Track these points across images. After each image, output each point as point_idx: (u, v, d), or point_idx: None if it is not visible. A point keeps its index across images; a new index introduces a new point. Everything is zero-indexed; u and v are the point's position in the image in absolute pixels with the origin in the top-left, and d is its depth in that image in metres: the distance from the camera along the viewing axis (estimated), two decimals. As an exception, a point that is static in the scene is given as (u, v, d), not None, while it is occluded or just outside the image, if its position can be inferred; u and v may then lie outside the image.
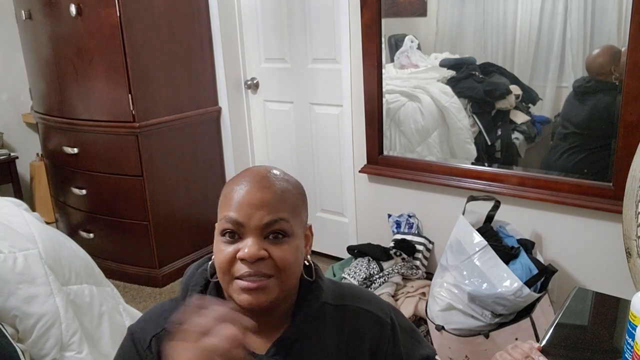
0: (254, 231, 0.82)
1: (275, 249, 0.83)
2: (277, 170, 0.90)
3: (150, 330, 0.89)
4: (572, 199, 2.09)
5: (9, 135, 3.82)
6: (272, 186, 0.85)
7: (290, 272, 0.85)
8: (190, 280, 0.92)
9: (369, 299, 0.97)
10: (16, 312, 1.48)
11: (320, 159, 2.99)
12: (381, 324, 0.94)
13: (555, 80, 2.11)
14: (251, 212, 0.82)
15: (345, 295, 0.96)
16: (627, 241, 1.68)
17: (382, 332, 0.94)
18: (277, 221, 0.83)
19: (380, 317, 0.95)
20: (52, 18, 2.77)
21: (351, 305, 0.95)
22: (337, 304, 0.94)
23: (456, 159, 2.43)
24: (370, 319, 0.94)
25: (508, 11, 2.17)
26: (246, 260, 0.81)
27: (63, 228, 3.24)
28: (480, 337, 1.95)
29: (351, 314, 0.94)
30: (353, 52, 2.58)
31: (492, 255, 1.96)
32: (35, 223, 1.72)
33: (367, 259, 2.39)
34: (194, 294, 0.88)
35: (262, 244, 0.82)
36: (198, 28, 2.95)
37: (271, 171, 0.88)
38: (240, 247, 0.82)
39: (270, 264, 0.82)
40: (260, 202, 0.83)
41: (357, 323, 0.93)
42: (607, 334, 1.12)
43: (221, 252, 0.84)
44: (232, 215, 0.83)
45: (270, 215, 0.82)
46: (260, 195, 0.83)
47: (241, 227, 0.82)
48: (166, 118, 2.84)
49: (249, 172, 0.88)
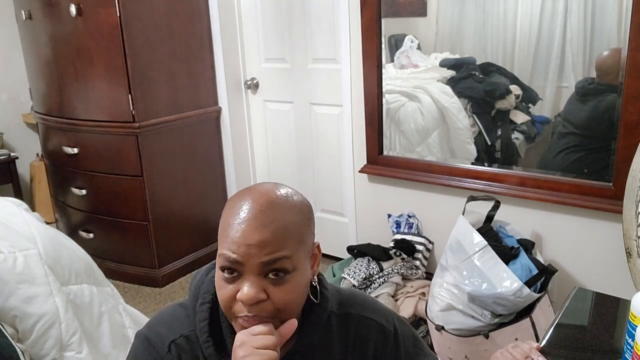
0: (252, 270, 0.78)
1: (276, 290, 0.79)
2: (282, 191, 0.83)
3: (167, 335, 0.86)
4: (572, 199, 2.09)
5: (9, 135, 3.82)
6: (274, 222, 0.78)
7: (290, 311, 0.81)
8: (200, 287, 0.89)
9: (372, 307, 0.96)
10: (16, 312, 1.48)
11: (320, 159, 2.98)
12: (384, 333, 0.94)
13: (555, 80, 2.11)
14: (250, 252, 0.77)
15: (349, 303, 0.95)
16: (627, 241, 1.68)
17: (386, 340, 0.94)
18: (277, 260, 0.78)
19: (384, 325, 0.94)
20: (52, 18, 2.77)
21: (355, 313, 0.94)
22: (342, 312, 0.93)
23: (456, 159, 2.43)
24: (374, 327, 0.94)
25: (508, 11, 2.17)
26: (244, 303, 0.78)
27: (63, 228, 3.24)
28: (480, 337, 1.94)
29: (356, 322, 0.93)
30: (353, 52, 2.57)
31: (492, 255, 1.96)
32: (35, 223, 1.72)
33: (366, 259, 2.39)
34: (205, 302, 0.86)
35: (261, 284, 0.78)
36: (198, 28, 2.95)
37: (273, 197, 0.81)
38: (240, 286, 0.78)
39: (270, 305, 0.79)
40: (259, 242, 0.77)
41: (362, 332, 0.93)
42: (607, 334, 1.12)
43: (222, 289, 0.80)
44: (229, 254, 0.78)
45: (269, 254, 0.77)
46: (259, 234, 0.77)
47: (240, 265, 0.78)
48: (166, 118, 2.84)
49: (250, 198, 0.81)
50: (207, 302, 0.86)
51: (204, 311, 0.86)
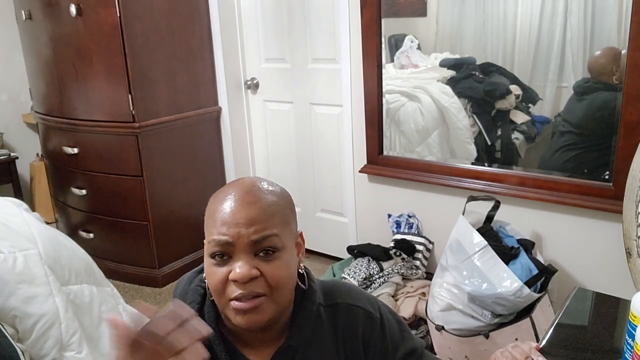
0: (243, 250, 0.79)
1: (267, 266, 0.80)
2: (262, 182, 0.86)
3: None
4: (572, 199, 2.09)
5: (9, 135, 3.82)
6: (259, 201, 0.81)
7: (284, 288, 0.83)
8: (184, 297, 0.89)
9: (357, 295, 0.98)
10: (16, 312, 1.48)
11: (320, 159, 2.98)
12: (372, 319, 0.95)
13: (555, 80, 2.11)
14: (239, 231, 0.79)
15: (334, 293, 0.96)
16: (627, 241, 1.68)
17: (373, 326, 0.95)
18: (267, 238, 0.80)
19: (371, 312, 0.96)
20: (52, 18, 2.77)
21: (342, 303, 0.95)
22: (329, 303, 0.94)
23: (456, 159, 2.43)
24: (361, 314, 0.95)
25: (508, 11, 2.16)
26: (238, 282, 0.79)
27: (63, 228, 3.24)
28: (480, 337, 1.94)
29: (343, 311, 0.94)
30: (353, 52, 2.57)
31: (492, 255, 1.96)
32: (35, 223, 1.72)
33: (367, 259, 2.39)
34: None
35: (253, 263, 0.80)
36: (198, 28, 2.95)
37: (255, 184, 0.85)
38: (232, 267, 0.80)
39: (263, 282, 0.80)
40: (247, 220, 0.79)
41: (350, 320, 0.94)
42: (607, 334, 1.12)
43: (213, 275, 0.81)
44: (219, 237, 0.79)
45: (259, 232, 0.79)
46: (246, 212, 0.80)
47: (230, 246, 0.79)
48: (166, 118, 2.84)
49: (233, 187, 0.84)
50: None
51: None
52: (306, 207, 3.11)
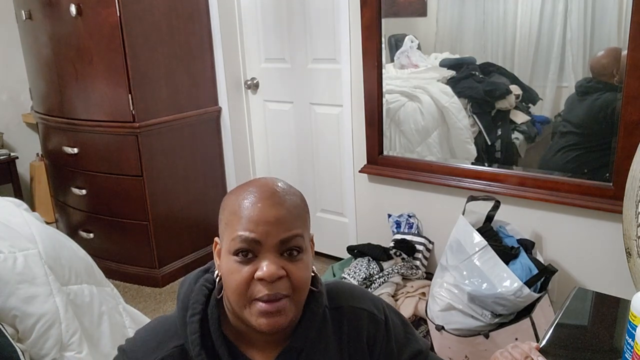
0: (270, 249, 0.79)
1: (293, 266, 0.80)
2: (282, 183, 0.87)
3: (148, 353, 0.84)
4: (572, 199, 2.09)
5: (9, 135, 3.82)
6: (285, 202, 0.82)
7: (305, 289, 0.83)
8: (189, 297, 0.87)
9: (361, 297, 0.97)
10: (16, 312, 1.48)
11: (320, 159, 2.98)
12: (376, 321, 0.95)
13: (555, 80, 2.11)
14: (268, 229, 0.79)
15: (338, 295, 0.95)
16: (627, 241, 1.68)
17: (377, 329, 0.94)
18: (294, 237, 0.81)
19: (375, 313, 0.95)
20: (52, 18, 2.77)
21: (346, 305, 0.94)
22: (333, 306, 0.94)
23: (456, 159, 2.43)
24: (366, 316, 0.94)
25: (508, 11, 2.17)
26: (265, 281, 0.78)
27: (63, 228, 3.24)
28: (480, 337, 1.94)
29: (348, 314, 0.94)
30: (353, 52, 2.57)
31: (492, 255, 1.96)
32: (35, 223, 1.72)
33: (367, 259, 2.39)
34: (195, 313, 0.84)
35: (279, 262, 0.80)
36: (198, 28, 2.95)
37: (278, 185, 0.85)
38: (257, 266, 0.79)
39: (287, 283, 0.80)
40: (276, 219, 0.79)
41: (355, 322, 0.93)
42: (607, 334, 1.12)
43: (236, 273, 0.79)
44: (247, 233, 0.79)
45: (286, 232, 0.80)
46: (275, 211, 0.80)
47: (258, 245, 0.79)
48: (166, 118, 2.84)
49: (256, 186, 0.84)
50: (197, 314, 0.84)
51: (195, 322, 0.83)
52: (306, 207, 3.11)
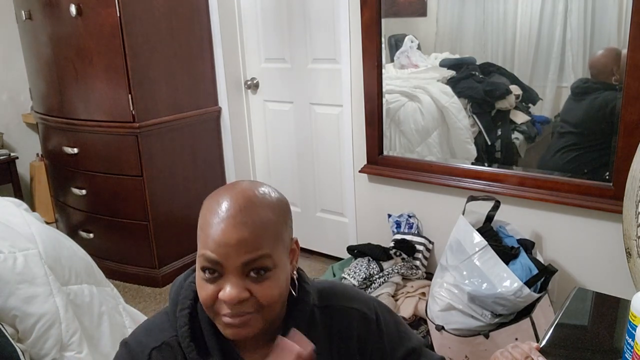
0: (233, 271, 0.78)
1: (258, 287, 0.79)
2: (260, 191, 0.83)
3: (149, 342, 0.87)
4: (572, 199, 2.09)
5: (9, 135, 3.82)
6: (250, 220, 0.78)
7: (272, 306, 0.82)
8: (179, 293, 0.89)
9: (353, 296, 0.97)
10: (16, 312, 1.48)
11: (320, 159, 2.98)
12: (367, 320, 0.95)
13: (555, 80, 2.11)
14: (228, 252, 0.77)
15: (329, 295, 0.95)
16: (627, 241, 1.68)
17: (369, 328, 0.94)
18: (258, 259, 0.78)
19: (366, 313, 0.95)
20: (52, 18, 2.77)
21: (336, 304, 0.94)
22: (323, 305, 0.94)
23: (456, 159, 2.43)
24: (356, 316, 0.94)
25: (508, 11, 2.17)
26: (227, 303, 0.78)
27: (63, 228, 3.24)
28: (480, 337, 1.94)
29: (338, 313, 0.94)
30: (353, 52, 2.57)
31: (492, 255, 1.96)
32: (35, 223, 1.72)
33: (367, 259, 2.39)
34: (184, 307, 0.87)
35: (243, 283, 0.78)
36: (198, 28, 2.95)
37: (250, 194, 0.81)
38: (221, 286, 0.79)
39: (253, 301, 0.79)
40: (238, 242, 0.77)
41: (345, 322, 0.93)
42: (607, 334, 1.12)
43: (203, 289, 0.81)
44: (209, 253, 0.78)
45: (249, 253, 0.77)
46: (237, 234, 0.77)
47: (219, 266, 0.78)
48: (166, 118, 2.84)
49: (229, 196, 0.81)
50: (186, 308, 0.87)
51: (184, 316, 0.86)
52: (306, 207, 3.11)
